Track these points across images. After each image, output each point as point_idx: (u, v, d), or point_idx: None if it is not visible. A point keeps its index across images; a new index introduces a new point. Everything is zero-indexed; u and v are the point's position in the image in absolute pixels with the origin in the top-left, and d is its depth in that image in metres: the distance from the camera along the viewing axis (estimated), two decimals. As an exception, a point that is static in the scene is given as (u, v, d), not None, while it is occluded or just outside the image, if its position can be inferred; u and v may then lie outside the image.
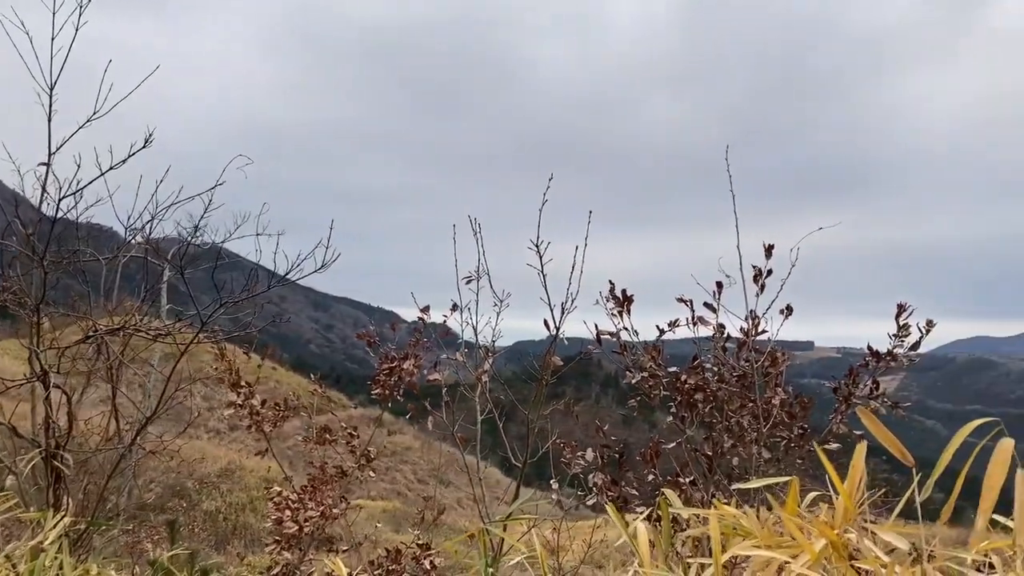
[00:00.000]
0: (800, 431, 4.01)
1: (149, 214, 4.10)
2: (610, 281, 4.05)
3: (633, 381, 3.92)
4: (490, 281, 3.81)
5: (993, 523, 2.01)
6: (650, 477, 4.00)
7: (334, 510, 5.01)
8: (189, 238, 4.35)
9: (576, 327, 4.16)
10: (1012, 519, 2.01)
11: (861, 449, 2.20)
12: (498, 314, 3.96)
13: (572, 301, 3.63)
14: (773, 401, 3.78)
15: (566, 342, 3.83)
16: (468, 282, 3.88)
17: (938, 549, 2.06)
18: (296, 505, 4.91)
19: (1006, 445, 2.02)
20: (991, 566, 1.97)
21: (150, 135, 3.80)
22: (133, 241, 4.35)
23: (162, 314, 6.29)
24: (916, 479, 2.31)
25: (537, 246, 3.66)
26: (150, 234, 4.20)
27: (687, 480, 3.76)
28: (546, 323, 3.80)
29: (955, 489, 2.00)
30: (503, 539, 3.53)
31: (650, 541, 2.58)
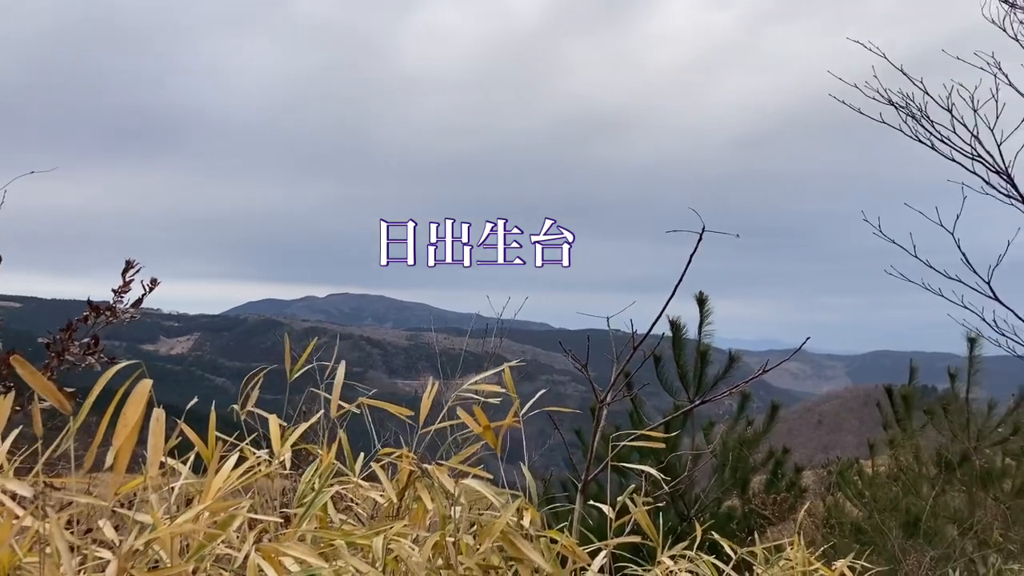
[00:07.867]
0: (3, 390, 3.74)
1: None
2: None
3: None
4: None
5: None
6: None
7: None
8: None
9: None
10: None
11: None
12: None
13: None
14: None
15: None
16: None
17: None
18: None
19: (143, 387, 2.12)
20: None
21: None
22: None
23: None
24: (66, 431, 2.33)
25: None
26: None
27: None
28: None
29: (97, 438, 2.05)
30: None
31: None
